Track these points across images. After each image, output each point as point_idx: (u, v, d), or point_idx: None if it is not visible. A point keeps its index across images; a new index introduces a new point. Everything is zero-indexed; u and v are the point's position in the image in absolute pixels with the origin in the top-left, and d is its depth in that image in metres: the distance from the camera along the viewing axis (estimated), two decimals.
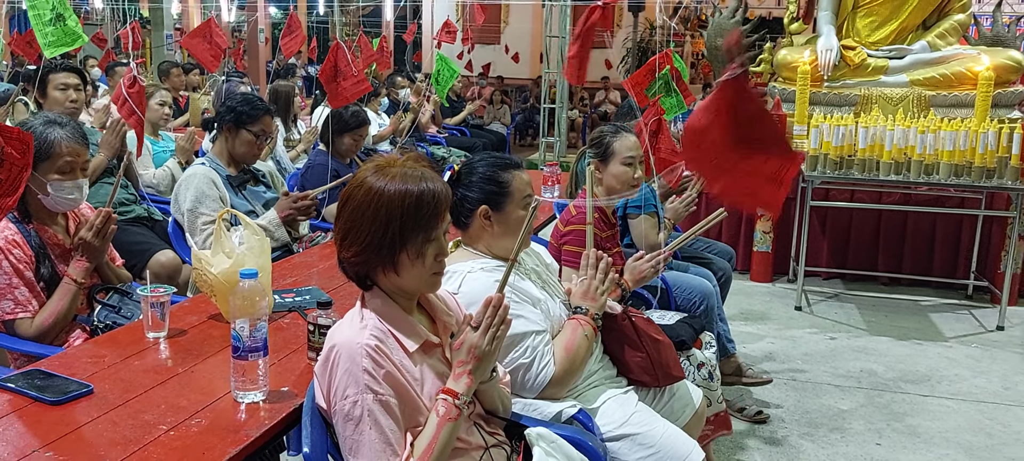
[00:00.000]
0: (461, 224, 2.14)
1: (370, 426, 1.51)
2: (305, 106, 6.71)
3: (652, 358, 2.26)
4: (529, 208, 2.11)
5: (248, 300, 1.71)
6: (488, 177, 2.09)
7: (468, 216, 2.11)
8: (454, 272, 2.04)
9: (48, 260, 2.38)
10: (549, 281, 2.27)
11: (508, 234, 2.10)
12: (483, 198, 2.08)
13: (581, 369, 2.10)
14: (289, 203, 3.28)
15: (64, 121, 2.43)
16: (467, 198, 2.10)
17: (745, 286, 5.31)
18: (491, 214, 2.08)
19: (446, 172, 2.06)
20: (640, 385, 2.29)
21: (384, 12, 16.13)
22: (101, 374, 1.82)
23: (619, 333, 2.28)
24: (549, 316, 2.10)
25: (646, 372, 2.26)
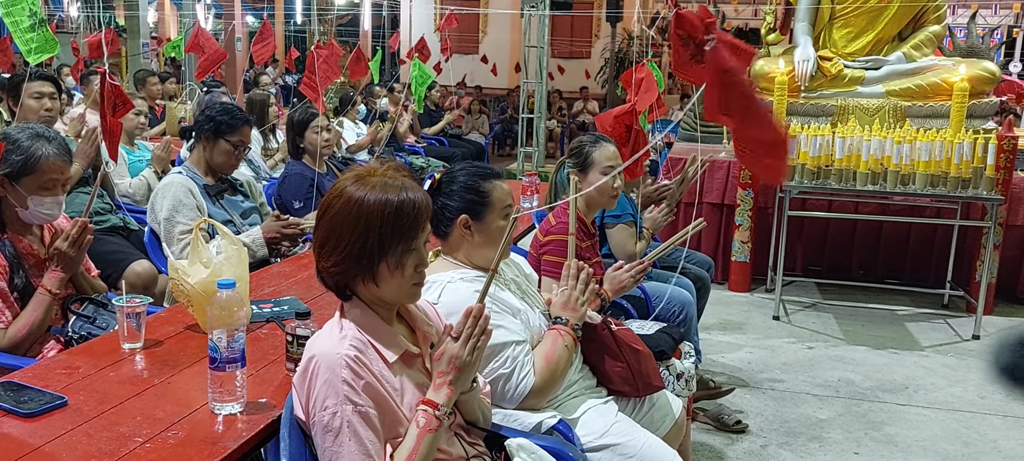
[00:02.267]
0: (441, 233, 2.13)
1: (349, 438, 1.49)
2: (282, 115, 6.67)
3: (632, 368, 2.26)
4: (509, 218, 2.11)
5: (226, 310, 1.69)
6: (469, 186, 2.08)
7: (448, 225, 2.10)
8: (433, 282, 2.02)
9: (22, 270, 2.35)
10: (528, 291, 2.27)
11: (488, 244, 2.09)
12: (463, 207, 2.07)
13: (561, 380, 2.10)
14: (277, 227, 3.24)
15: (51, 136, 2.40)
16: (447, 207, 2.09)
17: (723, 296, 5.34)
18: (471, 224, 2.08)
19: (426, 181, 2.04)
20: (620, 395, 2.29)
21: (362, 21, 16.11)
22: (75, 385, 1.79)
23: (599, 343, 2.28)
24: (529, 326, 2.09)
25: (626, 382, 2.26)
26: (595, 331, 2.26)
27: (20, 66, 5.96)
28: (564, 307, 2.16)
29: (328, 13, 15.71)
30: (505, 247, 1.80)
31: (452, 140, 10.25)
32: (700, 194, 5.54)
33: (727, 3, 13.92)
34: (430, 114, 10.32)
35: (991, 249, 4.93)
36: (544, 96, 10.55)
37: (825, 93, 5.83)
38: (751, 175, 5.30)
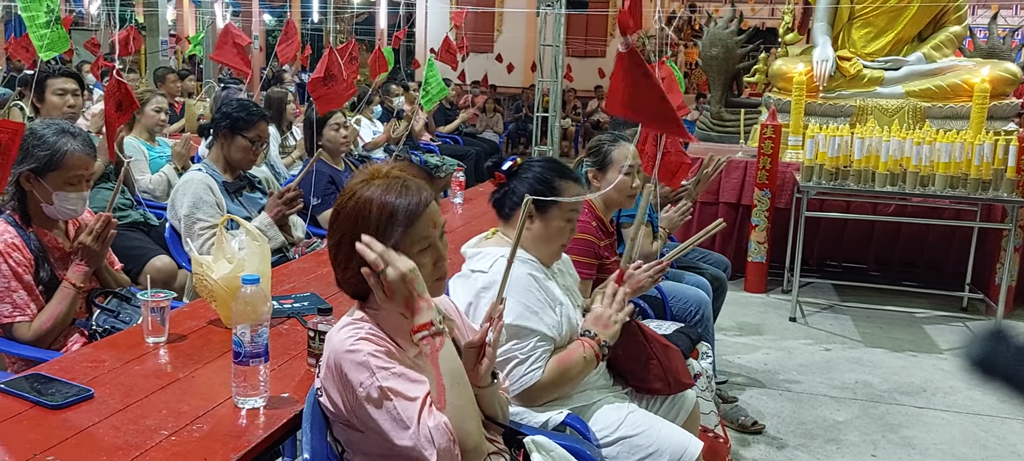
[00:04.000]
0: (504, 214, 2.21)
1: (395, 396, 1.46)
2: (299, 113, 6.71)
3: (664, 364, 2.28)
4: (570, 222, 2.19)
5: (250, 305, 1.70)
6: (541, 179, 2.17)
7: (512, 208, 2.17)
8: (487, 254, 2.10)
9: (47, 264, 2.38)
10: (572, 289, 2.32)
11: (545, 239, 2.17)
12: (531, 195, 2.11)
13: (566, 388, 2.11)
14: (275, 200, 3.27)
15: (76, 132, 2.43)
16: (516, 191, 2.16)
17: (739, 297, 5.32)
18: (534, 214, 2.13)
19: (508, 162, 2.16)
20: (653, 393, 2.30)
21: (378, 20, 16.15)
22: (101, 378, 1.82)
23: (632, 340, 2.29)
24: (568, 322, 2.13)
25: (659, 379, 2.27)
26: (628, 329, 2.28)
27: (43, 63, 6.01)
28: (595, 322, 2.16)
29: (345, 11, 15.77)
30: (517, 241, 1.78)
31: (466, 138, 10.27)
32: (716, 194, 5.54)
33: (744, 2, 13.88)
34: (445, 112, 10.34)
35: (1011, 252, 4.89)
36: (559, 95, 10.55)
37: (844, 93, 5.81)
38: (766, 176, 5.27)
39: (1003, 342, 0.83)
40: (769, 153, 5.27)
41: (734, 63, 7.01)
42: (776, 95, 6.05)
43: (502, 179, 2.21)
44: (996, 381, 0.88)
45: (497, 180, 2.22)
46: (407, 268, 1.48)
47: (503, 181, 2.21)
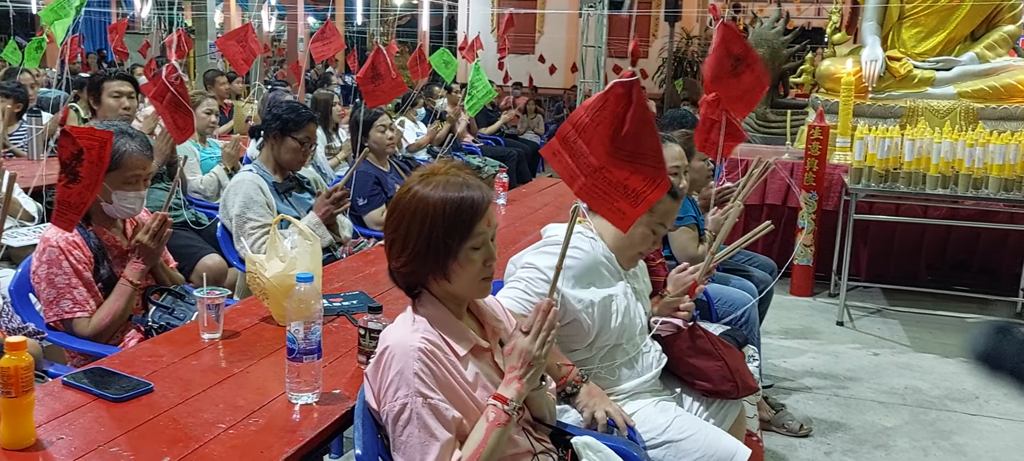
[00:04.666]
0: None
1: (418, 428, 1.53)
2: (344, 115, 6.80)
3: (730, 366, 2.27)
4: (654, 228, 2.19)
5: (304, 303, 1.74)
6: None
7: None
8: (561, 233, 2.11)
9: (106, 261, 2.44)
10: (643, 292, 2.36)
11: (628, 243, 2.19)
12: None
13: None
14: (323, 199, 3.32)
15: (133, 133, 2.50)
16: None
17: (785, 300, 5.26)
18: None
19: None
20: (721, 396, 2.29)
21: (420, 22, 16.25)
22: (160, 373, 1.87)
23: (697, 343, 2.29)
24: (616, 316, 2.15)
25: (726, 380, 2.26)
26: (692, 331, 2.28)
27: (94, 65, 6.18)
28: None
29: (389, 13, 15.92)
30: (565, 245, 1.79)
31: (508, 139, 10.29)
32: (762, 196, 5.48)
33: (790, 2, 13.71)
34: (487, 114, 10.37)
35: None
36: None
37: (894, 94, 5.71)
38: (812, 179, 5.20)
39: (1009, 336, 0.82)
40: (816, 155, 5.20)
41: (780, 64, 6.93)
42: (823, 96, 5.97)
43: None
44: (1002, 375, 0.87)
45: None
46: (535, 348, 1.59)
47: None
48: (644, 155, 1.64)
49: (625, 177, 1.66)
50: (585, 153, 1.66)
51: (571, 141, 1.67)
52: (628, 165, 1.65)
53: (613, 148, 1.65)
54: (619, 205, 1.68)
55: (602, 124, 1.64)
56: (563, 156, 1.70)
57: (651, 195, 1.70)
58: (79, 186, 2.07)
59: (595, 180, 1.68)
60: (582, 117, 1.66)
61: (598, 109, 1.63)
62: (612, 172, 1.65)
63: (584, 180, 1.69)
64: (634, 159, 1.65)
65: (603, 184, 1.68)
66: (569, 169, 1.69)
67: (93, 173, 2.08)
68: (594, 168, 1.66)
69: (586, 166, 1.67)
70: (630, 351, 2.23)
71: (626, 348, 2.22)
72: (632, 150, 1.63)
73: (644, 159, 1.64)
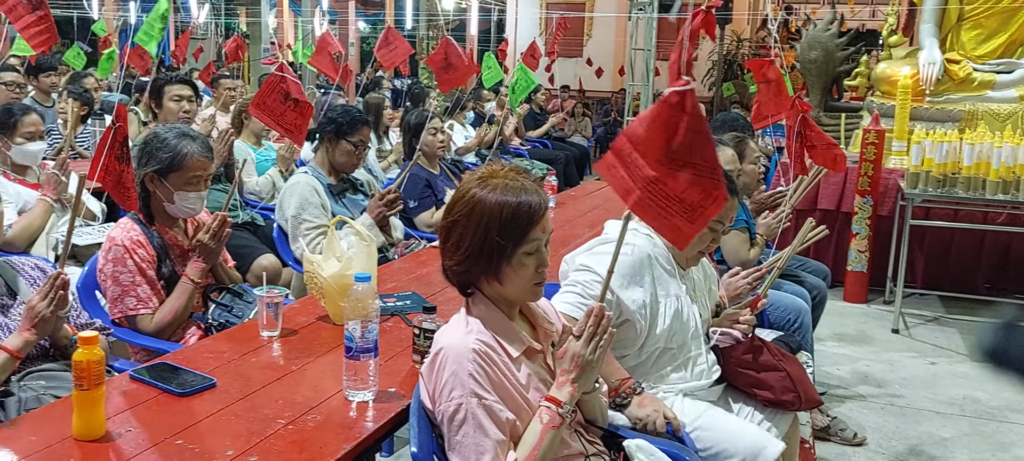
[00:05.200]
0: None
1: (473, 429, 1.55)
2: (394, 118, 6.88)
3: (793, 377, 2.24)
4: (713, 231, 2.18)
5: (361, 302, 1.77)
6: None
7: None
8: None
9: (168, 260, 2.52)
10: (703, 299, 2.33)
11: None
12: None
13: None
14: (376, 202, 3.37)
15: (195, 135, 2.57)
16: None
17: (838, 306, 5.17)
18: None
19: None
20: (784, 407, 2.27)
21: (469, 26, 16.35)
22: (222, 369, 1.92)
23: (758, 353, 2.28)
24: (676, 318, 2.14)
25: (788, 390, 2.23)
26: (751, 342, 2.27)
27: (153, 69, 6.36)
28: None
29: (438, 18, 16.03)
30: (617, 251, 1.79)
31: (555, 142, 10.29)
32: (814, 201, 5.40)
33: (843, 3, 13.47)
34: (534, 117, 10.39)
35: None
36: (650, 99, 10.46)
37: (952, 97, 5.58)
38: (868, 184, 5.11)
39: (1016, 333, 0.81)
40: (871, 159, 5.11)
41: (834, 66, 6.82)
42: (879, 99, 5.86)
43: None
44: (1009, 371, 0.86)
45: None
46: (587, 352, 1.60)
47: None
48: (700, 165, 1.61)
49: (681, 189, 1.62)
50: (640, 165, 1.65)
51: (626, 154, 1.66)
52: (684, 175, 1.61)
53: (667, 158, 1.62)
54: (675, 222, 1.64)
55: (656, 134, 1.62)
56: (618, 169, 1.68)
57: (709, 209, 1.65)
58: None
59: (651, 193, 1.65)
60: (637, 129, 1.66)
61: (651, 119, 1.61)
62: (668, 183, 1.62)
63: (639, 194, 1.66)
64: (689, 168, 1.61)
65: (659, 197, 1.65)
66: (623, 182, 1.67)
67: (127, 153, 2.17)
68: (650, 180, 1.64)
69: (641, 178, 1.65)
70: (679, 356, 2.21)
71: (675, 352, 2.20)
72: (687, 160, 1.60)
73: (700, 169, 1.61)
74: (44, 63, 6.12)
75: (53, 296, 1.89)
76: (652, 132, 1.62)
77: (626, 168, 1.67)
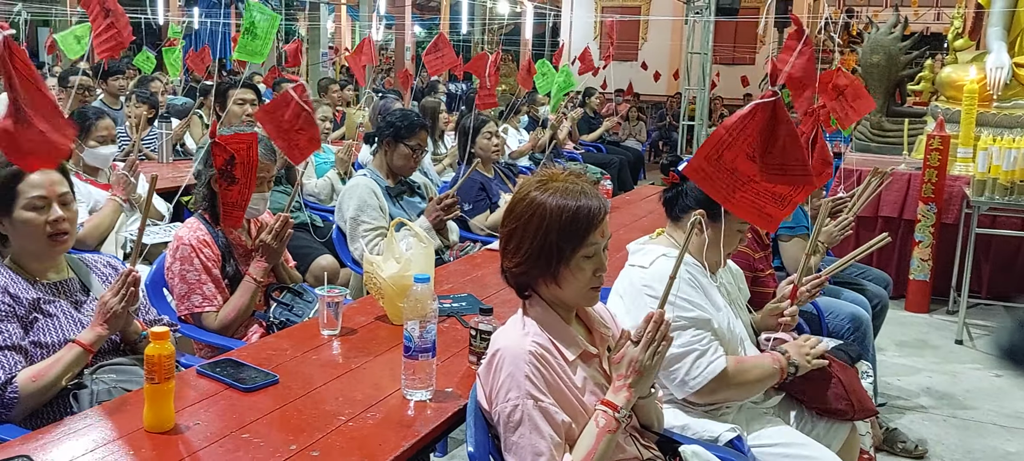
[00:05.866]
0: (674, 216, 2.20)
1: (529, 430, 1.56)
2: (449, 122, 6.94)
3: (846, 386, 2.21)
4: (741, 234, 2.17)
5: (420, 303, 1.80)
6: None
7: (683, 211, 2.16)
8: (648, 251, 2.11)
9: (232, 260, 2.59)
10: (738, 301, 2.29)
11: (714, 246, 2.12)
12: (704, 203, 2.09)
13: (742, 391, 2.07)
14: (434, 206, 3.42)
15: (260, 137, 2.64)
16: (689, 194, 2.14)
17: (899, 316, 5.05)
18: (706, 221, 2.08)
19: (684, 162, 2.10)
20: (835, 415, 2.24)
21: (523, 30, 16.41)
22: (284, 366, 1.97)
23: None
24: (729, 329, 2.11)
25: (842, 399, 2.20)
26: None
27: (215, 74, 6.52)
28: (797, 350, 2.15)
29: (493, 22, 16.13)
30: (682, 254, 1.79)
31: (610, 146, 10.26)
32: (876, 208, 5.28)
33: (907, 6, 13.15)
34: (588, 121, 10.37)
35: None
36: (706, 103, 10.37)
37: (1020, 103, 5.40)
38: (930, 190, 4.98)
39: None
40: (936, 165, 4.98)
41: (897, 70, 6.66)
42: (944, 104, 5.71)
43: (676, 179, 2.17)
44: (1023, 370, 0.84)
45: (670, 180, 2.19)
46: (645, 358, 1.59)
47: (677, 181, 2.18)
48: (793, 166, 1.66)
49: (775, 187, 1.69)
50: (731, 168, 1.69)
51: (714, 159, 1.69)
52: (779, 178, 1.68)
53: (764, 165, 1.67)
54: (768, 210, 1.70)
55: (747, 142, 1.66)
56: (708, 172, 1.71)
57: (797, 196, 1.72)
58: (238, 186, 2.24)
59: (746, 191, 1.70)
60: (723, 136, 1.67)
61: (741, 128, 1.64)
62: (763, 184, 1.67)
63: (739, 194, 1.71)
64: (784, 172, 1.67)
65: (752, 194, 1.71)
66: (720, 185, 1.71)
67: (246, 172, 2.25)
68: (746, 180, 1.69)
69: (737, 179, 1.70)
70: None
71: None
72: (781, 163, 1.65)
73: (793, 169, 1.67)
74: (113, 67, 6.33)
75: (124, 292, 1.97)
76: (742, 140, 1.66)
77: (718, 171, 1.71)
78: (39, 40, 14.97)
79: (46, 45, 12.51)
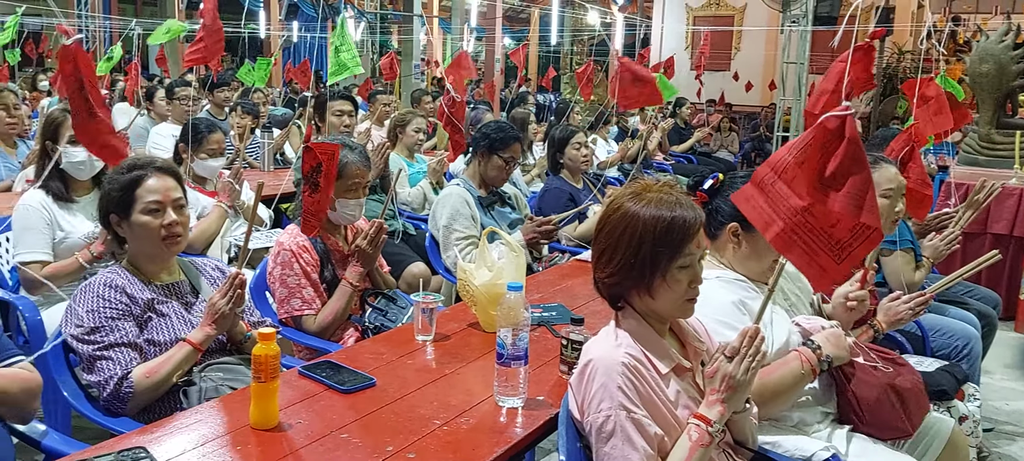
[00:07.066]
0: (710, 234, 2.14)
1: (622, 442, 1.55)
2: (538, 132, 6.98)
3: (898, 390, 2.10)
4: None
5: (512, 311, 1.82)
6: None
7: (718, 227, 2.12)
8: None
9: (330, 264, 2.68)
10: (797, 305, 2.22)
11: (754, 257, 2.09)
12: (735, 215, 2.06)
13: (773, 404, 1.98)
14: (533, 227, 3.45)
15: (354, 145, 2.73)
16: (721, 210, 2.10)
17: (1009, 337, 4.79)
18: (740, 233, 2.08)
19: (709, 180, 2.10)
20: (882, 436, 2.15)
21: (613, 41, 16.34)
22: (381, 369, 2.02)
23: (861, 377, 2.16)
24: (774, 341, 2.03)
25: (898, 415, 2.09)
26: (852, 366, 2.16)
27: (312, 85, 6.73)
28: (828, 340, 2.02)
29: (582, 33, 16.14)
30: (780, 268, 1.76)
31: (701, 158, 10.11)
32: (984, 224, 5.04)
33: (1019, 13, 12.48)
34: (679, 131, 10.25)
35: None
36: (801, 114, 10.08)
37: None
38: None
39: None
40: None
41: (1008, 81, 6.33)
42: None
43: (705, 198, 2.13)
44: None
45: (699, 199, 2.14)
46: (739, 373, 1.57)
47: (705, 200, 2.13)
48: (854, 196, 1.54)
49: (832, 222, 1.55)
50: (785, 195, 1.58)
51: (768, 184, 1.61)
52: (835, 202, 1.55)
53: (819, 184, 1.56)
54: (821, 261, 1.56)
55: (809, 160, 1.56)
56: (757, 200, 1.63)
57: (858, 249, 1.57)
58: (319, 195, 2.31)
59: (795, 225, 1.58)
60: (784, 157, 1.60)
61: (804, 146, 1.55)
62: (816, 212, 1.54)
63: (782, 225, 1.59)
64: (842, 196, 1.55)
65: (804, 231, 1.57)
66: (763, 214, 1.61)
67: (327, 182, 2.32)
68: (797, 210, 1.57)
69: (786, 209, 1.58)
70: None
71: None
72: (839, 188, 1.53)
73: (852, 198, 1.54)
74: (220, 79, 6.62)
75: (232, 295, 2.06)
76: (804, 158, 1.57)
77: (767, 199, 1.62)
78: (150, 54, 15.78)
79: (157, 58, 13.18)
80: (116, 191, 2.12)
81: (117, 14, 17.32)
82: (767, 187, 1.62)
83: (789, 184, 1.59)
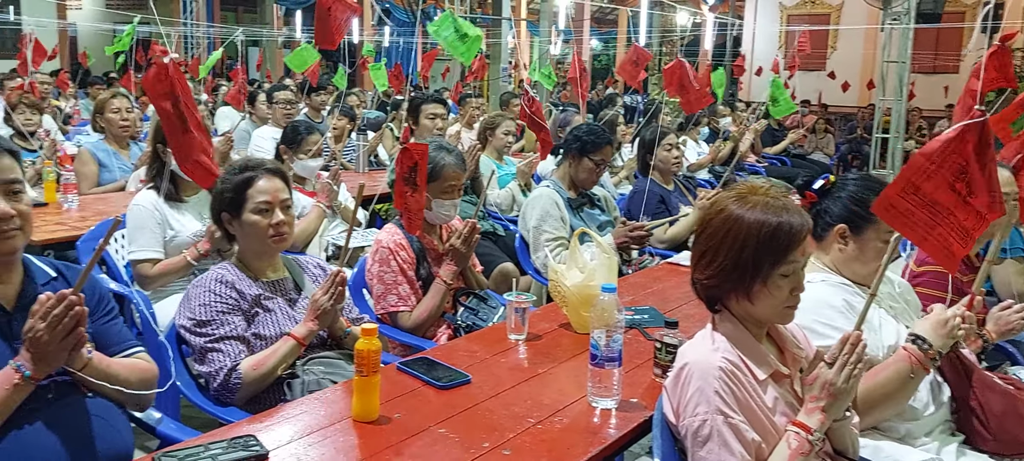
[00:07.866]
0: (816, 235, 2.11)
1: (719, 446, 1.54)
2: (626, 134, 6.94)
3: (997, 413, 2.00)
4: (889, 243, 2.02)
5: (606, 312, 1.83)
6: (857, 198, 2.05)
7: (825, 229, 2.09)
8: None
9: (425, 262, 2.74)
10: (901, 315, 2.15)
11: (860, 259, 2.05)
12: (844, 217, 2.04)
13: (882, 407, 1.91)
14: (625, 231, 3.45)
15: (450, 148, 2.80)
16: (829, 211, 2.08)
17: None
18: (848, 234, 2.04)
19: (820, 180, 2.08)
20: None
21: (703, 40, 16.09)
22: (475, 367, 2.06)
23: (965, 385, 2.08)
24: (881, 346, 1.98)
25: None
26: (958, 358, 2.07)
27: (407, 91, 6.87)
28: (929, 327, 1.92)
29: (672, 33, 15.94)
30: (883, 270, 1.72)
31: (795, 160, 9.85)
32: None
33: None
34: (772, 133, 10.01)
35: None
36: (903, 114, 9.72)
37: None
38: None
39: None
40: None
41: None
42: None
43: (813, 199, 2.11)
44: None
45: (808, 199, 2.13)
46: (839, 381, 1.55)
47: (815, 200, 2.12)
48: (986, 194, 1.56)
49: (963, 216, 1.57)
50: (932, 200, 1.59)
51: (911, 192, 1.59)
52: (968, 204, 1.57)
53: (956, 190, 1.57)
54: (953, 247, 1.58)
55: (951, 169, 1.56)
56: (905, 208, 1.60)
57: (977, 230, 1.59)
58: (418, 193, 2.38)
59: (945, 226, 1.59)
60: (923, 165, 1.58)
61: (944, 153, 1.55)
62: (957, 214, 1.56)
63: (941, 230, 1.60)
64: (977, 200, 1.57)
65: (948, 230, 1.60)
66: (917, 223, 1.60)
67: (422, 180, 2.38)
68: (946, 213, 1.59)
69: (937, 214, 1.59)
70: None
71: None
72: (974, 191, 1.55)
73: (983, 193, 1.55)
74: (318, 83, 6.85)
75: (333, 292, 2.14)
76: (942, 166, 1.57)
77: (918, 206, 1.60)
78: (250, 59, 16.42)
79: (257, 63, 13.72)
80: (229, 191, 2.23)
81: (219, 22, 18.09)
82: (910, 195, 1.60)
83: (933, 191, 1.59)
